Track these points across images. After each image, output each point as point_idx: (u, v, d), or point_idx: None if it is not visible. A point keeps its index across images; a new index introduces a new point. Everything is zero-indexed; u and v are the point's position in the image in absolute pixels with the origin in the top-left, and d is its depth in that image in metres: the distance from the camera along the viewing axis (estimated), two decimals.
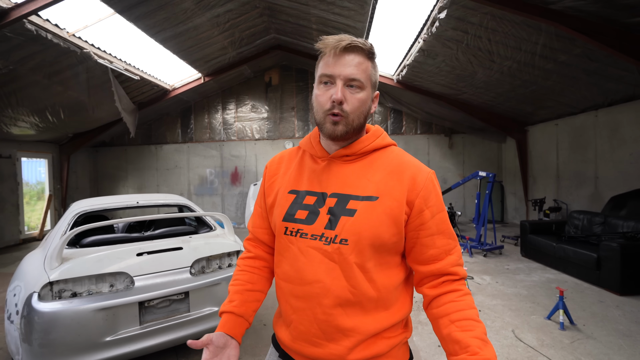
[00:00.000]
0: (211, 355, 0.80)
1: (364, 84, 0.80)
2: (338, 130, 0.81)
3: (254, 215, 1.03)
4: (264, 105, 9.09)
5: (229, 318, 0.88)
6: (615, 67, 4.28)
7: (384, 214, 0.79)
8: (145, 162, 9.46)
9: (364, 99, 0.81)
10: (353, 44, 0.79)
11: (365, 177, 0.83)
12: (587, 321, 3.02)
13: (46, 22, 4.43)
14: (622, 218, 4.26)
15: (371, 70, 0.82)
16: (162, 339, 2.18)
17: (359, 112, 0.81)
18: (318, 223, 0.82)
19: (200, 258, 2.44)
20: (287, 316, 0.85)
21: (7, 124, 6.05)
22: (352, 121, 0.81)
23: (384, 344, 0.80)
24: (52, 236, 2.46)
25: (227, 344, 0.84)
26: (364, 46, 0.80)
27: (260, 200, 1.01)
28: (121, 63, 5.96)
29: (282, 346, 0.89)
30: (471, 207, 8.58)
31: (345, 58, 0.79)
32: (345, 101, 0.79)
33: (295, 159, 0.96)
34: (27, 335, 1.87)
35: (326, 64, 0.81)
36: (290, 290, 0.84)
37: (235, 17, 5.84)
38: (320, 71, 0.82)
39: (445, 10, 4.17)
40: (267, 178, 0.98)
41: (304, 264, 0.81)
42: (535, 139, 7.30)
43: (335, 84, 0.79)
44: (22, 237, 7.21)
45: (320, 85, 0.82)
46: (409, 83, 7.05)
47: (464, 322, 0.74)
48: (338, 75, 0.79)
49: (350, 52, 0.79)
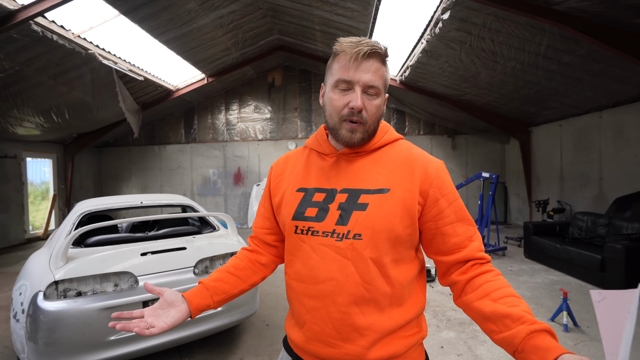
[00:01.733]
0: (157, 306, 0.81)
1: (380, 90, 0.80)
2: (356, 138, 0.81)
3: (258, 216, 1.03)
4: (267, 106, 9.11)
5: (196, 287, 0.89)
6: (620, 67, 4.26)
7: (397, 205, 0.78)
8: (149, 162, 9.50)
9: (380, 104, 0.81)
10: (373, 50, 0.77)
11: (375, 170, 0.83)
12: (591, 323, 3.01)
13: (52, 23, 4.48)
14: (626, 220, 4.23)
15: (386, 75, 0.83)
16: (166, 339, 2.19)
17: (375, 118, 0.81)
18: (328, 220, 0.80)
19: (204, 258, 2.45)
20: (301, 317, 0.83)
21: (13, 124, 6.10)
22: (369, 127, 0.81)
23: (400, 343, 0.79)
24: (57, 236, 2.48)
25: (175, 304, 0.83)
26: (381, 51, 0.79)
27: (265, 201, 1.00)
28: (125, 64, 6.00)
29: (295, 348, 0.87)
30: (474, 208, 8.55)
31: (365, 64, 0.78)
32: (365, 109, 0.79)
33: (301, 158, 0.95)
34: (32, 334, 1.88)
35: (344, 69, 0.78)
36: (303, 289, 0.82)
37: (238, 18, 5.87)
38: (338, 75, 0.79)
39: (449, 11, 4.16)
40: (273, 178, 0.97)
41: (316, 262, 0.80)
42: (538, 140, 7.27)
43: (354, 90, 0.78)
44: (27, 236, 7.26)
45: (336, 90, 0.80)
46: (412, 84, 7.04)
47: (508, 298, 0.70)
48: (357, 81, 0.77)
49: (370, 58, 0.78)
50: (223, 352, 2.65)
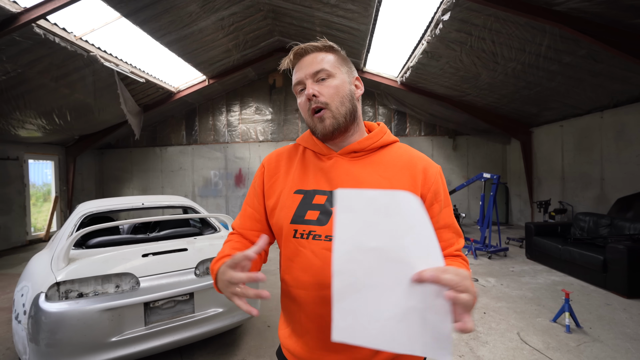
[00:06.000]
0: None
1: (331, 72, 0.81)
2: (327, 125, 0.81)
3: (243, 217, 0.94)
4: (268, 108, 9.13)
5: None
6: (621, 68, 4.25)
7: None
8: (150, 164, 9.52)
9: (337, 84, 0.82)
10: (305, 47, 0.83)
11: (376, 173, 0.82)
12: (593, 324, 2.99)
13: (54, 26, 4.50)
14: (628, 220, 4.22)
15: (335, 59, 0.84)
16: (167, 340, 2.19)
17: (339, 97, 0.81)
18: (332, 223, 0.75)
19: (205, 259, 2.45)
20: (303, 326, 0.80)
21: (15, 126, 6.13)
22: (336, 109, 0.81)
23: None
24: (59, 237, 2.49)
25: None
26: (317, 44, 0.83)
27: (254, 201, 0.92)
28: (127, 66, 6.02)
29: (294, 359, 0.83)
30: (475, 209, 8.54)
31: (304, 60, 0.83)
32: (320, 94, 0.80)
33: (295, 157, 0.91)
34: (34, 335, 1.89)
35: (293, 75, 0.85)
36: (305, 297, 0.78)
37: (239, 20, 5.89)
38: (293, 84, 0.86)
39: (449, 12, 4.17)
40: (267, 178, 0.91)
41: (319, 268, 0.76)
42: (540, 141, 7.25)
43: (306, 84, 0.82)
44: (29, 238, 7.28)
45: (298, 94, 0.86)
46: (412, 85, 7.05)
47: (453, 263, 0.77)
48: (304, 76, 0.82)
49: (306, 54, 0.83)
50: (224, 353, 2.65)
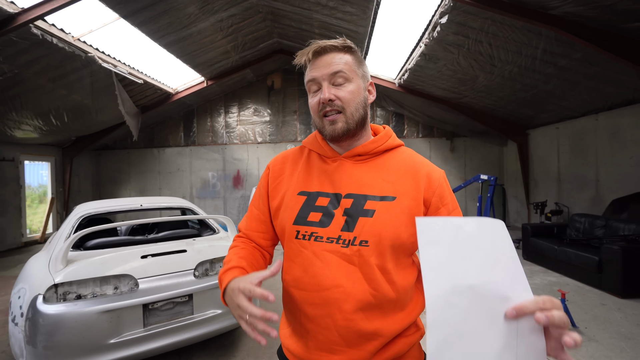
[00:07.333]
0: None
1: (349, 75, 0.81)
2: (338, 129, 0.80)
3: (249, 218, 0.95)
4: (267, 109, 9.13)
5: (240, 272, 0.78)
6: (615, 71, 4.30)
7: (403, 214, 0.78)
8: (148, 165, 9.49)
9: (354, 89, 0.81)
10: (325, 46, 0.81)
11: (379, 176, 0.82)
12: (588, 324, 3.02)
13: (52, 26, 4.48)
14: (623, 221, 4.26)
15: (353, 62, 0.83)
16: (166, 341, 2.19)
17: (353, 103, 0.81)
18: (334, 225, 0.79)
19: (204, 261, 2.45)
20: (302, 326, 0.81)
21: (11, 127, 6.08)
22: (351, 115, 0.81)
23: (403, 342, 0.80)
24: (57, 239, 2.47)
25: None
26: (336, 44, 0.81)
27: (260, 202, 0.93)
28: (125, 67, 6.01)
29: (294, 359, 0.84)
30: (473, 211, 8.58)
31: (323, 59, 0.81)
32: (336, 98, 0.80)
33: (300, 159, 0.92)
34: (31, 338, 1.88)
35: (308, 71, 0.83)
36: (304, 298, 0.79)
37: (238, 21, 5.90)
38: (306, 79, 0.84)
39: (447, 15, 4.20)
40: (272, 179, 0.92)
41: (320, 269, 0.77)
42: (536, 143, 7.31)
43: (322, 86, 0.81)
44: (24, 240, 7.22)
45: (311, 94, 0.84)
46: (410, 87, 7.08)
47: None
48: (320, 76, 0.80)
49: (325, 53, 0.81)
50: (223, 355, 2.64)
